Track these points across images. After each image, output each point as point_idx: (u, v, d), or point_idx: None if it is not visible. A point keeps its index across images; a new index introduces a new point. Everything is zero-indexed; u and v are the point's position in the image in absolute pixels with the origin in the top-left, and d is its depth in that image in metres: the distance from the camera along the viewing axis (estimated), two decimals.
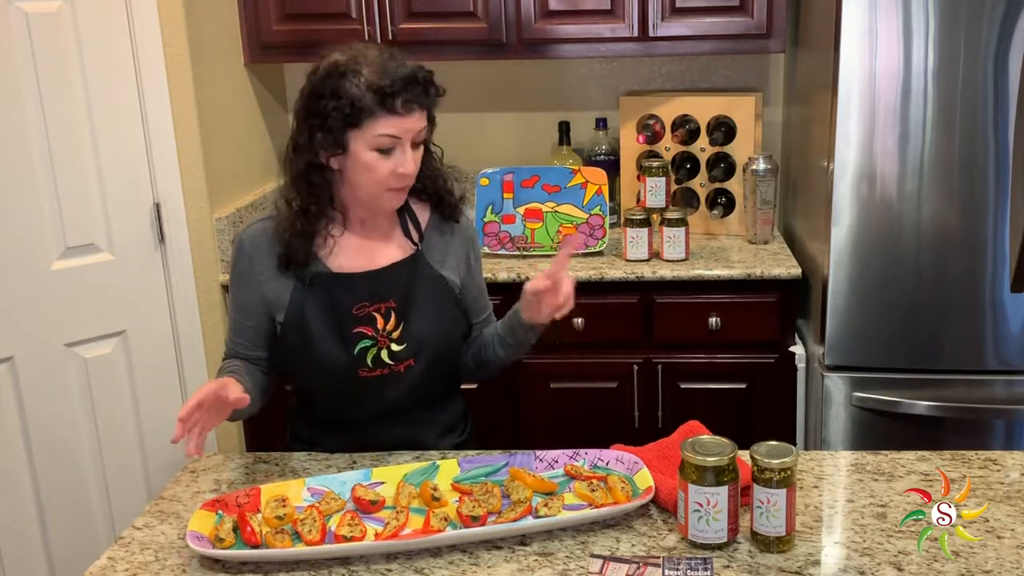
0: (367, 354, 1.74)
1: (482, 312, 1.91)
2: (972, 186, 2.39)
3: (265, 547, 1.45)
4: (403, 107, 1.63)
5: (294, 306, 1.74)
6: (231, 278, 1.81)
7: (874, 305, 2.50)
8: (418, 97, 1.64)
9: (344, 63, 1.64)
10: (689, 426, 1.72)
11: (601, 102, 3.23)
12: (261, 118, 3.12)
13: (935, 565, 1.39)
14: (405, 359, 1.76)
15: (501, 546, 1.47)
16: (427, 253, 1.81)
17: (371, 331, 1.74)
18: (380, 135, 1.64)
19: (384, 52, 1.67)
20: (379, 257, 1.78)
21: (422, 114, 1.67)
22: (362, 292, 1.74)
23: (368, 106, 1.62)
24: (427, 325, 1.77)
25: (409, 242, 1.81)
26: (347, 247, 1.77)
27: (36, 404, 2.45)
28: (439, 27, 2.85)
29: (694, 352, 2.79)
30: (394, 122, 1.63)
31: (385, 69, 1.63)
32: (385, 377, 1.75)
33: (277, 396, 2.87)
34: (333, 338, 1.73)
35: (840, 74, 2.37)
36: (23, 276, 2.39)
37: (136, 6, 2.48)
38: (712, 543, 1.44)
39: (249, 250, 1.76)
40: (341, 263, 1.76)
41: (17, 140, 2.34)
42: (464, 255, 1.86)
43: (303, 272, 1.74)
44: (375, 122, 1.63)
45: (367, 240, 1.78)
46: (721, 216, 3.00)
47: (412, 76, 1.63)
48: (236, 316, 1.81)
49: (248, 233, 1.78)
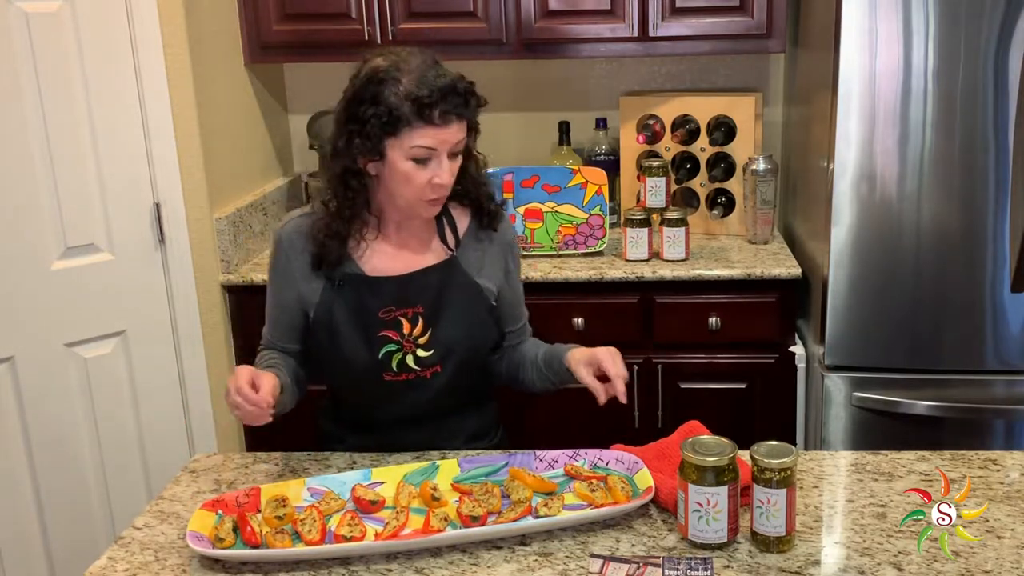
0: (392, 358, 1.74)
1: (517, 321, 1.90)
2: (972, 186, 2.39)
3: (265, 547, 1.45)
4: (441, 118, 1.61)
5: (323, 305, 1.74)
6: (269, 272, 1.81)
7: (874, 305, 2.50)
8: (456, 108, 1.62)
9: (384, 69, 1.62)
10: (689, 426, 1.72)
11: (601, 102, 3.23)
12: (261, 118, 3.12)
13: (935, 565, 1.39)
14: (431, 365, 1.76)
15: (501, 546, 1.48)
16: (463, 260, 1.80)
17: (396, 335, 1.74)
18: (416, 145, 1.62)
19: (427, 59, 1.65)
20: (413, 262, 1.78)
21: (461, 125, 1.65)
22: (389, 296, 1.74)
23: (405, 115, 1.60)
24: (456, 332, 1.76)
25: (445, 248, 1.80)
26: (381, 250, 1.77)
27: (36, 404, 2.45)
28: (439, 27, 2.85)
29: (694, 352, 2.79)
30: (431, 133, 1.62)
31: (424, 79, 1.61)
32: (411, 382, 1.75)
33: None
34: (359, 340, 1.73)
35: (840, 74, 2.37)
36: (23, 276, 2.39)
37: (136, 6, 2.48)
38: (712, 543, 1.44)
39: (286, 246, 1.76)
40: (374, 266, 1.76)
41: (17, 140, 2.34)
42: (502, 262, 1.85)
43: (334, 272, 1.74)
44: (412, 132, 1.61)
45: (402, 244, 1.78)
46: (721, 216, 3.00)
47: (451, 87, 1.62)
48: (272, 310, 1.81)
49: (286, 230, 1.78)
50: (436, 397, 1.77)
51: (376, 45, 2.87)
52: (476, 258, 1.81)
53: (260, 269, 2.82)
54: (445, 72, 1.64)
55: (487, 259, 1.82)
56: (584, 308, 2.75)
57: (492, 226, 1.83)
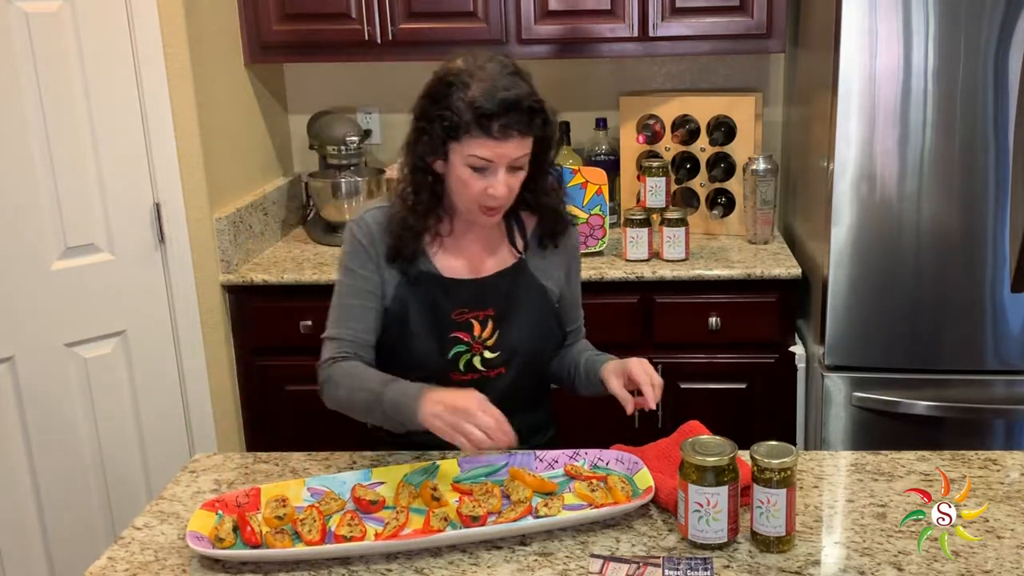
0: (460, 359, 1.75)
1: (574, 322, 1.91)
2: (972, 186, 2.39)
3: (265, 547, 1.45)
4: (500, 131, 1.59)
5: (398, 300, 1.74)
6: (350, 263, 1.76)
7: (874, 305, 2.50)
8: (517, 124, 1.60)
9: (457, 72, 1.62)
10: (689, 426, 1.72)
11: (601, 102, 3.22)
12: (261, 118, 3.12)
13: (935, 565, 1.39)
14: (497, 366, 1.77)
15: (501, 546, 1.47)
16: (530, 262, 1.81)
17: (467, 337, 1.75)
18: (474, 155, 1.61)
19: (505, 69, 1.63)
20: (485, 263, 1.78)
21: (522, 140, 1.63)
22: (464, 298, 1.75)
23: (466, 123, 1.59)
24: (522, 335, 1.78)
25: (513, 249, 1.80)
26: (454, 248, 1.77)
27: (36, 404, 2.45)
28: (439, 27, 2.85)
29: (694, 352, 2.79)
30: (489, 145, 1.60)
31: (492, 89, 1.59)
32: (475, 382, 1.75)
33: (277, 398, 2.87)
34: (430, 339, 1.74)
35: (840, 74, 2.37)
36: (23, 276, 2.39)
37: (136, 6, 2.48)
38: (712, 543, 1.44)
39: (368, 233, 1.74)
40: (448, 265, 1.76)
41: (17, 140, 2.34)
42: (565, 265, 1.86)
43: (410, 267, 1.74)
44: (471, 141, 1.61)
45: (473, 243, 1.78)
46: (721, 216, 3.00)
47: (516, 102, 1.59)
48: (355, 301, 1.75)
49: (365, 219, 1.76)
50: (499, 397, 1.75)
51: (376, 45, 2.88)
52: (542, 261, 1.82)
53: (260, 269, 2.82)
54: (516, 84, 1.61)
55: (552, 261, 1.83)
56: (584, 308, 2.73)
57: (554, 241, 1.83)
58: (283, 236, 3.17)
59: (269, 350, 2.84)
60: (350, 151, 3.09)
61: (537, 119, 1.64)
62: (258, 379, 2.87)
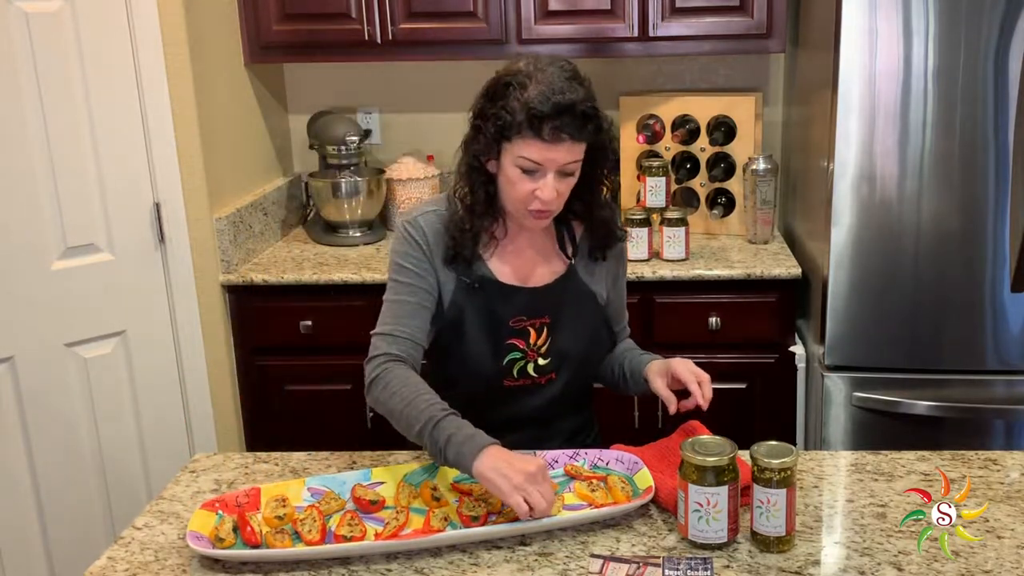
0: (515, 366, 1.74)
1: (619, 323, 1.92)
2: (972, 186, 2.39)
3: (265, 547, 1.45)
4: (550, 134, 1.58)
5: (455, 306, 1.72)
6: (404, 262, 1.72)
7: (874, 305, 2.50)
8: (568, 128, 1.59)
9: (516, 72, 1.62)
10: (689, 426, 1.72)
11: (601, 102, 3.18)
12: (261, 118, 3.12)
13: (935, 565, 1.39)
14: (548, 372, 1.76)
15: (501, 546, 1.47)
16: (579, 268, 1.81)
17: (523, 344, 1.74)
18: (523, 156, 1.61)
19: (564, 73, 1.62)
20: (538, 269, 1.78)
21: (574, 146, 1.62)
22: (521, 306, 1.74)
23: (518, 124, 1.59)
24: (574, 341, 1.77)
25: (563, 255, 1.80)
26: (507, 253, 1.77)
27: (36, 404, 2.45)
28: (439, 27, 2.85)
29: (694, 352, 2.75)
30: (539, 147, 1.60)
31: (548, 91, 1.58)
32: (527, 388, 1.75)
33: (277, 398, 2.87)
34: (486, 345, 1.73)
35: (840, 74, 2.37)
36: (23, 276, 2.39)
37: (136, 6, 2.48)
38: (712, 543, 1.44)
39: (425, 234, 1.72)
40: (504, 271, 1.75)
41: (17, 140, 2.34)
42: (613, 271, 1.86)
43: (469, 272, 1.72)
44: (522, 142, 1.60)
45: (526, 248, 1.78)
46: (721, 216, 3.00)
47: (570, 106, 1.58)
48: (410, 298, 1.71)
49: (420, 222, 1.74)
50: (549, 403, 1.77)
51: (376, 45, 2.88)
52: (590, 267, 1.82)
53: (260, 269, 2.82)
54: (573, 89, 1.60)
55: (600, 267, 1.83)
56: None
57: (602, 254, 1.82)
58: (283, 236, 3.17)
59: (269, 350, 2.84)
60: (350, 151, 3.09)
61: (590, 125, 1.62)
62: (258, 379, 2.87)
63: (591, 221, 1.79)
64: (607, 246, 1.82)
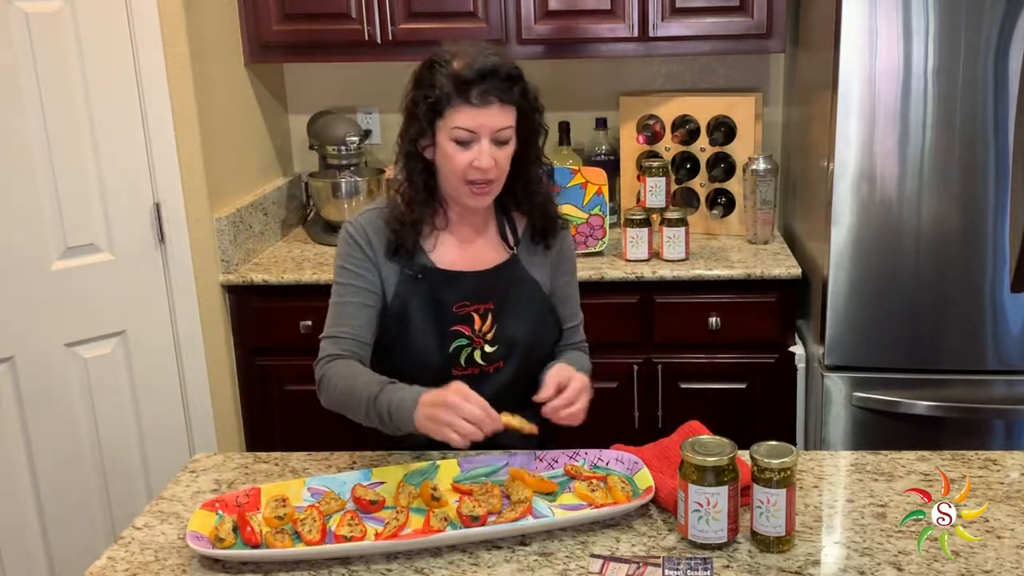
0: (461, 353, 1.76)
1: (569, 320, 1.89)
2: (972, 186, 2.39)
3: (265, 547, 1.45)
4: (479, 98, 1.64)
5: (399, 298, 1.75)
6: (346, 263, 1.77)
7: (874, 305, 2.50)
8: (496, 90, 1.65)
9: (439, 53, 1.68)
10: (689, 426, 1.72)
11: (601, 102, 3.22)
12: (261, 118, 3.12)
13: (935, 565, 1.39)
14: (495, 361, 1.77)
15: (501, 546, 1.47)
16: (522, 256, 1.82)
17: (468, 330, 1.75)
18: (457, 126, 1.65)
19: (486, 49, 1.68)
20: (481, 256, 1.80)
21: (504, 110, 1.66)
22: (465, 291, 1.76)
23: (448, 94, 1.64)
24: (519, 329, 1.78)
25: (505, 245, 1.82)
26: (450, 242, 1.79)
27: (36, 404, 2.45)
28: (439, 27, 2.85)
29: (694, 352, 2.79)
30: (470, 113, 1.64)
31: (471, 60, 1.64)
32: (475, 377, 1.75)
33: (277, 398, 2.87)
34: (431, 333, 1.74)
35: (840, 74, 2.37)
36: (23, 276, 2.39)
37: (136, 6, 2.48)
38: (712, 543, 1.44)
39: (365, 233, 1.76)
40: (446, 259, 1.78)
41: (17, 140, 2.34)
42: (556, 260, 1.86)
43: (411, 263, 1.75)
44: (454, 112, 1.65)
45: (468, 237, 1.80)
46: (721, 216, 3.00)
47: (494, 69, 1.64)
48: (352, 299, 1.76)
49: (359, 220, 1.79)
50: (497, 392, 1.76)
51: (376, 45, 2.88)
52: (532, 256, 1.84)
53: (260, 269, 2.82)
54: (497, 54, 1.67)
55: (541, 258, 1.84)
56: (584, 308, 2.72)
57: (546, 243, 1.84)
58: (283, 236, 3.17)
59: (269, 350, 2.84)
60: (350, 151, 3.09)
61: (516, 87, 1.68)
62: (258, 379, 2.87)
63: (531, 206, 1.81)
64: (548, 232, 1.83)
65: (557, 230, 1.85)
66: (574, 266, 1.92)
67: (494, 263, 1.80)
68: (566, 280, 1.89)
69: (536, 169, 1.80)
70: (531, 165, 1.78)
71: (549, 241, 1.84)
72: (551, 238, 1.84)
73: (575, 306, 1.92)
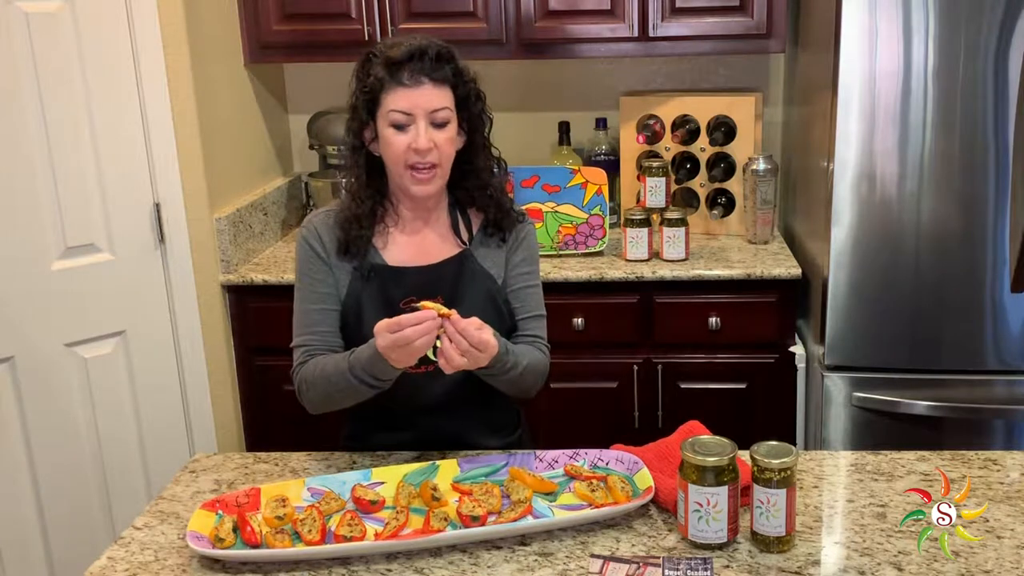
0: None
1: (521, 312, 1.82)
2: (972, 186, 2.39)
3: (265, 547, 1.45)
4: (410, 78, 1.66)
5: (352, 296, 1.76)
6: (305, 269, 1.78)
7: (874, 305, 2.50)
8: (426, 69, 1.66)
9: (375, 47, 1.71)
10: (689, 426, 1.72)
11: (601, 102, 3.22)
12: (261, 118, 3.12)
13: (935, 565, 1.39)
14: None
15: (501, 546, 1.47)
16: (476, 251, 1.81)
17: None
18: (392, 109, 1.67)
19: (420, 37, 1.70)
20: (431, 252, 1.79)
21: (436, 89, 1.67)
22: (412, 286, 1.75)
23: (382, 79, 1.67)
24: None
25: (458, 241, 1.81)
26: (400, 240, 1.79)
27: (36, 404, 2.45)
28: (439, 27, 2.84)
29: (694, 352, 2.79)
30: (402, 94, 1.66)
31: (402, 44, 1.67)
32: (430, 374, 1.74)
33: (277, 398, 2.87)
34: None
35: (840, 74, 2.37)
36: (23, 276, 2.39)
37: (136, 6, 2.48)
38: (712, 543, 1.44)
39: (319, 234, 1.78)
40: (396, 256, 1.78)
41: (17, 140, 2.34)
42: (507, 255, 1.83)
43: (362, 262, 1.76)
44: (387, 96, 1.67)
45: (419, 234, 1.80)
46: (721, 216, 3.00)
47: (423, 49, 1.66)
48: (314, 306, 1.76)
49: (312, 223, 1.80)
50: (454, 388, 1.76)
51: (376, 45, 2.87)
52: (487, 250, 1.82)
53: (260, 269, 2.82)
54: (428, 39, 1.69)
55: (497, 250, 1.83)
56: (584, 308, 2.75)
57: (500, 235, 1.82)
58: (283, 236, 3.17)
59: (269, 350, 2.84)
60: None
61: (447, 66, 1.69)
62: (258, 379, 2.87)
63: (484, 199, 1.80)
64: (502, 225, 1.82)
65: (512, 222, 1.83)
66: (532, 258, 1.85)
67: (444, 257, 1.79)
68: (521, 273, 1.83)
69: (485, 160, 1.80)
70: (479, 156, 1.78)
71: (504, 234, 1.82)
72: (506, 231, 1.82)
73: (531, 299, 1.83)
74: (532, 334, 1.82)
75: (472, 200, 1.82)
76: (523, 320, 1.82)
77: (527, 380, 1.74)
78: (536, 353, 1.78)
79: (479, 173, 1.80)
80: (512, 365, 1.67)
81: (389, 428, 1.84)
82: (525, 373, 1.71)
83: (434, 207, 1.80)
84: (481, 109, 1.77)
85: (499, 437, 1.86)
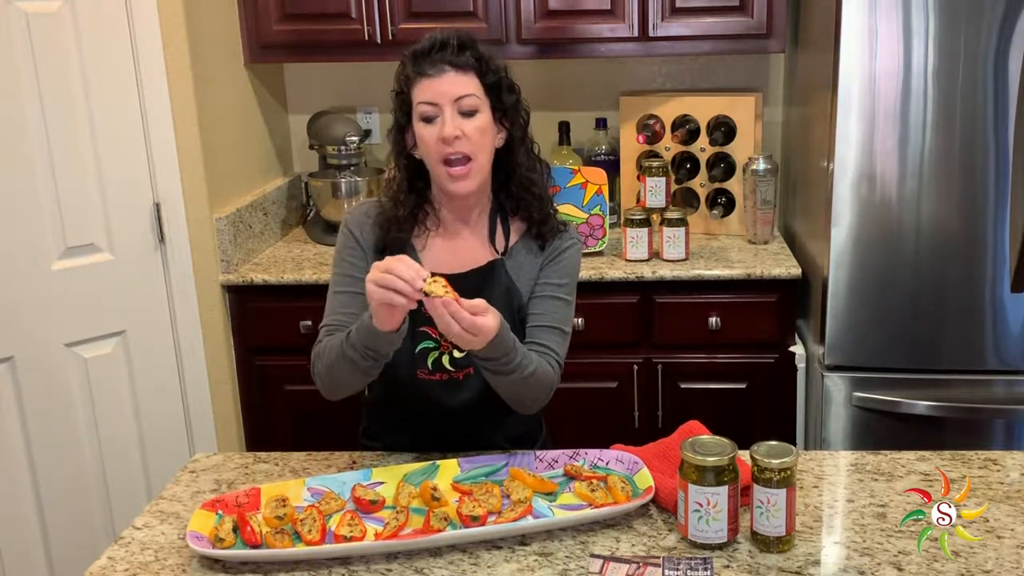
0: (428, 356, 1.73)
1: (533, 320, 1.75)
2: (972, 186, 2.39)
3: (265, 547, 1.45)
4: (432, 67, 1.66)
5: None
6: (344, 254, 1.78)
7: (874, 305, 2.50)
8: (448, 57, 1.66)
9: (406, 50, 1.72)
10: (689, 426, 1.72)
11: (601, 102, 3.23)
12: (261, 118, 3.12)
13: (935, 565, 1.39)
14: (464, 367, 1.73)
15: (501, 546, 1.47)
16: (509, 263, 1.77)
17: (435, 332, 1.70)
18: (420, 102, 1.67)
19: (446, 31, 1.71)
20: (466, 257, 1.78)
21: (459, 75, 1.67)
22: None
23: (409, 76, 1.68)
24: None
25: (492, 248, 1.78)
26: (438, 244, 1.79)
27: (36, 404, 2.45)
28: (439, 27, 2.78)
29: (694, 352, 2.79)
30: (427, 85, 1.66)
31: (427, 40, 1.68)
32: (445, 383, 1.74)
33: (277, 398, 2.87)
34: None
35: (840, 74, 2.37)
36: (23, 276, 2.39)
37: (136, 6, 2.48)
38: (712, 543, 1.44)
39: (358, 226, 1.78)
40: (431, 259, 1.77)
41: (17, 140, 2.34)
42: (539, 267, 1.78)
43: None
44: (415, 91, 1.68)
45: (457, 237, 1.79)
46: (721, 216, 3.00)
47: (445, 40, 1.67)
48: (346, 289, 1.75)
49: (355, 213, 1.81)
50: (470, 400, 1.75)
51: (376, 45, 2.88)
52: (522, 263, 1.78)
53: (260, 269, 2.82)
54: (452, 32, 1.70)
55: (530, 262, 1.78)
56: (584, 308, 2.74)
57: (541, 246, 1.79)
58: (283, 236, 3.17)
59: (269, 350, 2.84)
60: (350, 151, 3.09)
61: (468, 53, 1.69)
62: (258, 379, 2.87)
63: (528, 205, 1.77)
64: (542, 231, 1.78)
65: (553, 229, 1.79)
66: (566, 272, 1.78)
67: (476, 265, 1.77)
68: (550, 283, 1.76)
69: (526, 157, 1.77)
70: (518, 152, 1.75)
71: (544, 242, 1.79)
72: (546, 238, 1.78)
73: (554, 311, 1.75)
74: (545, 344, 1.72)
75: (515, 203, 1.78)
76: (538, 329, 1.73)
77: (531, 389, 1.66)
78: (545, 365, 1.68)
79: (521, 170, 1.76)
80: (516, 366, 1.60)
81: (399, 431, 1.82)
82: (530, 380, 1.63)
83: (474, 208, 1.78)
84: (516, 101, 1.75)
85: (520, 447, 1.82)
